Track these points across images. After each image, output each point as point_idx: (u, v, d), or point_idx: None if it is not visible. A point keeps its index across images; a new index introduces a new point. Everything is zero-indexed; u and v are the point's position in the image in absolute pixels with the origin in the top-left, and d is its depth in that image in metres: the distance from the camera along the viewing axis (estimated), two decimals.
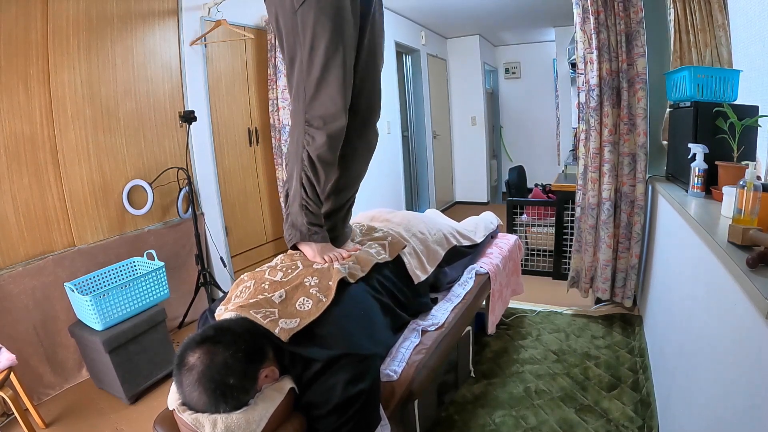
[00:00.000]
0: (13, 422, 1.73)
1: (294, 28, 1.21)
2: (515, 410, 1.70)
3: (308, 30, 1.19)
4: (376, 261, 1.42)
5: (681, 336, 1.36)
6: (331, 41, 1.18)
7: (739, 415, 0.82)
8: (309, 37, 1.19)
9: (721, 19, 1.80)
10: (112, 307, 1.84)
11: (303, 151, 1.27)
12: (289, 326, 1.08)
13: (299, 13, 1.18)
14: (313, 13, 1.17)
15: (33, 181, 1.97)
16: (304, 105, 1.25)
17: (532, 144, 6.42)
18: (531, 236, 3.30)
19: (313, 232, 1.34)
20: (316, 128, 1.24)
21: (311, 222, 1.34)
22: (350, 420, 1.01)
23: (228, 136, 2.94)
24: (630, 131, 2.16)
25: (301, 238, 1.35)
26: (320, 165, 1.27)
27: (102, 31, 2.20)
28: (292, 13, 1.20)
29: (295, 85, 1.27)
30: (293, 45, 1.24)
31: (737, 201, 1.01)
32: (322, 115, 1.23)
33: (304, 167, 1.28)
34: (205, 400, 0.92)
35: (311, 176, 1.29)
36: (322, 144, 1.24)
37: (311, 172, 1.28)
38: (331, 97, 1.22)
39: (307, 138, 1.26)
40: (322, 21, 1.17)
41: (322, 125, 1.24)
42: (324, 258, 1.33)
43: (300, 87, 1.25)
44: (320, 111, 1.23)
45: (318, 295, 1.18)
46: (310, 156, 1.27)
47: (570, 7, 2.20)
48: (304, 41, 1.20)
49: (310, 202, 1.32)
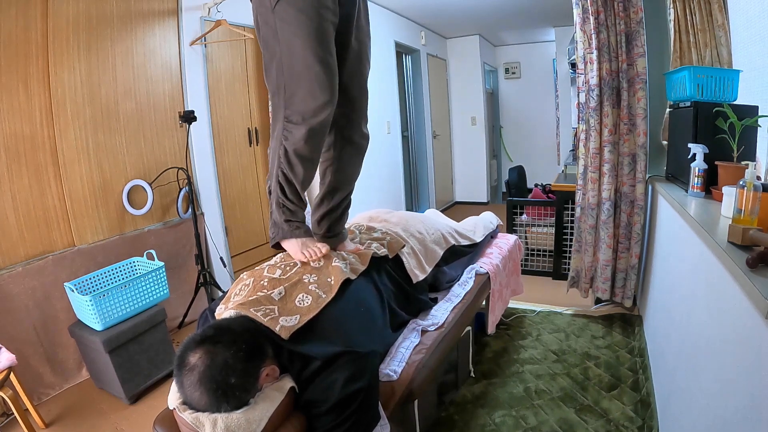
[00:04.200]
0: (13, 422, 1.73)
1: (272, 26, 1.21)
2: (515, 410, 1.70)
3: (286, 27, 1.18)
4: (376, 254, 1.42)
5: (681, 336, 1.36)
6: (309, 38, 1.17)
7: (739, 415, 0.82)
8: (287, 33, 1.19)
9: (721, 19, 1.80)
10: (112, 307, 1.84)
11: (280, 147, 1.26)
12: (289, 324, 1.08)
13: (276, 11, 1.18)
14: (291, 11, 1.16)
15: (33, 181, 1.97)
16: (284, 101, 1.24)
17: (532, 144, 6.42)
18: (531, 236, 3.30)
19: (295, 227, 1.33)
20: (294, 123, 1.23)
21: (288, 219, 1.33)
22: (349, 418, 1.00)
23: (228, 136, 2.94)
24: (630, 131, 2.16)
25: (283, 235, 1.34)
26: (297, 160, 1.26)
27: (102, 31, 2.20)
28: (270, 10, 1.19)
29: (275, 83, 1.26)
30: (272, 42, 1.23)
31: (737, 201, 1.01)
32: (302, 111, 1.22)
33: (281, 163, 1.27)
34: (206, 400, 0.92)
35: (288, 172, 1.28)
36: (300, 138, 1.23)
37: (287, 168, 1.27)
38: (311, 93, 1.21)
39: (285, 133, 1.25)
40: (300, 18, 1.16)
41: (301, 120, 1.22)
42: (304, 253, 1.31)
43: (280, 84, 1.24)
44: (300, 107, 1.22)
45: (317, 291, 1.18)
46: (287, 151, 1.25)
47: (570, 7, 2.20)
48: (283, 37, 1.20)
49: (287, 200, 1.31)
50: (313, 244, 1.35)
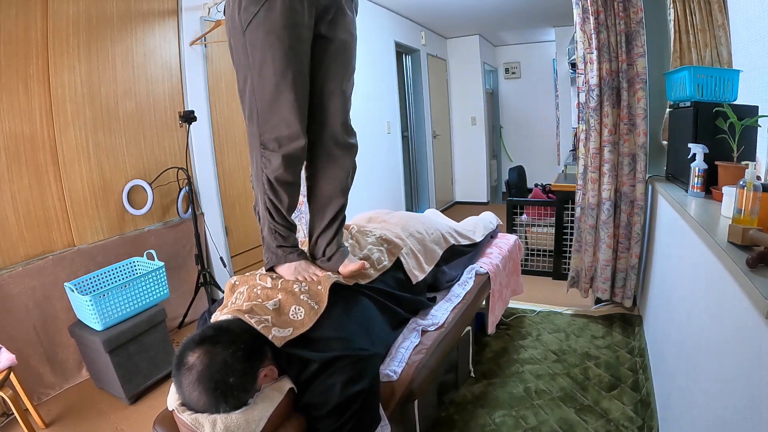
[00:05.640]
0: (13, 422, 1.73)
1: (243, 48, 1.16)
2: (515, 410, 1.70)
3: (257, 51, 1.14)
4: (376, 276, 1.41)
5: (681, 336, 1.35)
6: (280, 62, 1.13)
7: (739, 415, 0.82)
8: (258, 58, 1.14)
9: (721, 19, 1.80)
10: (112, 307, 1.84)
11: (262, 175, 1.24)
12: (282, 334, 1.08)
13: (247, 33, 1.13)
14: (261, 33, 1.12)
15: (33, 181, 1.97)
16: (258, 128, 1.20)
17: (532, 144, 6.42)
18: (531, 236, 3.30)
19: (288, 252, 1.32)
20: (271, 151, 1.20)
21: (280, 245, 1.32)
22: (349, 420, 1.00)
23: (228, 136, 2.94)
24: (630, 131, 2.16)
25: (277, 260, 1.33)
26: (280, 187, 1.24)
27: (102, 31, 2.20)
28: (241, 33, 1.14)
29: (248, 107, 1.22)
30: (244, 65, 1.18)
31: (737, 201, 1.01)
32: (277, 138, 1.19)
33: (266, 191, 1.25)
34: (205, 399, 0.92)
35: (273, 199, 1.26)
36: (279, 166, 1.20)
37: (273, 195, 1.25)
38: (285, 119, 1.18)
39: (264, 161, 1.22)
40: (271, 41, 1.12)
41: (277, 148, 1.20)
42: (299, 278, 1.29)
43: (253, 109, 1.20)
44: (274, 134, 1.19)
45: (309, 302, 1.17)
46: (269, 179, 1.23)
47: (570, 7, 2.20)
48: (254, 62, 1.15)
49: (278, 226, 1.30)
50: (308, 268, 1.32)
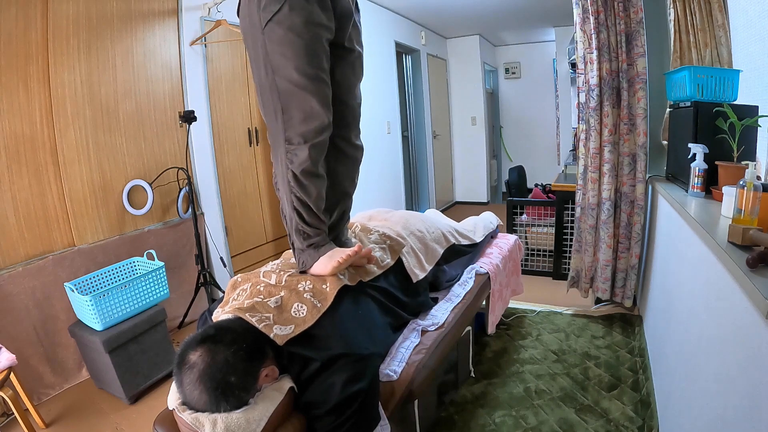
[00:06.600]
0: (13, 422, 1.73)
1: (263, 47, 1.14)
2: (515, 410, 1.70)
3: (276, 48, 1.12)
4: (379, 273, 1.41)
5: (681, 336, 1.36)
6: (301, 59, 1.12)
7: (740, 415, 0.82)
8: (278, 55, 1.13)
9: (721, 19, 1.80)
10: (112, 307, 1.84)
11: (288, 172, 1.21)
12: (283, 332, 1.08)
13: (266, 31, 1.12)
14: (281, 31, 1.10)
15: (33, 181, 1.97)
16: (283, 125, 1.19)
17: (532, 144, 6.42)
18: (531, 236, 3.30)
19: (314, 248, 1.27)
20: (296, 145, 1.19)
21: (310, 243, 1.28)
22: (349, 419, 1.01)
23: (228, 136, 2.94)
24: (630, 131, 2.16)
25: (311, 260, 1.28)
26: (307, 180, 1.21)
27: (102, 31, 2.20)
28: (260, 31, 1.13)
29: (271, 107, 1.20)
30: (263, 63, 1.17)
31: (737, 201, 1.01)
32: (302, 133, 1.18)
33: (292, 188, 1.22)
34: (206, 398, 0.92)
35: (301, 195, 1.22)
36: (306, 158, 1.18)
37: (300, 191, 1.22)
38: (309, 113, 1.17)
39: (289, 156, 1.20)
40: (291, 38, 1.10)
41: (303, 142, 1.18)
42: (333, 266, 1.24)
43: (277, 108, 1.19)
44: (300, 129, 1.18)
45: (312, 300, 1.17)
46: (295, 174, 1.20)
47: (570, 7, 2.20)
48: (274, 60, 1.14)
49: (306, 226, 1.25)
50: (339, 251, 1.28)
